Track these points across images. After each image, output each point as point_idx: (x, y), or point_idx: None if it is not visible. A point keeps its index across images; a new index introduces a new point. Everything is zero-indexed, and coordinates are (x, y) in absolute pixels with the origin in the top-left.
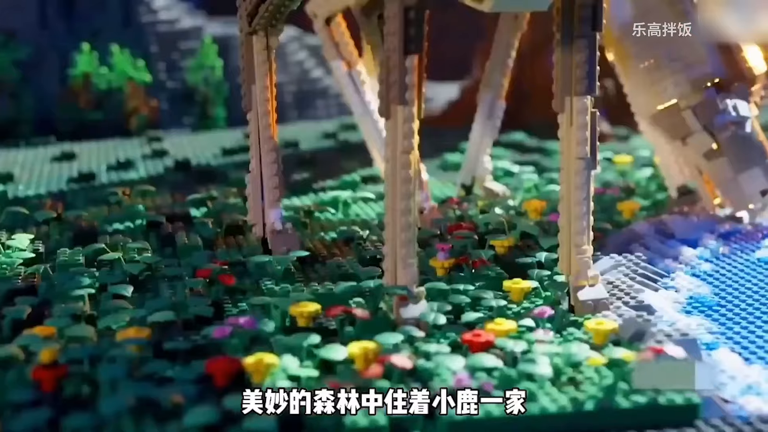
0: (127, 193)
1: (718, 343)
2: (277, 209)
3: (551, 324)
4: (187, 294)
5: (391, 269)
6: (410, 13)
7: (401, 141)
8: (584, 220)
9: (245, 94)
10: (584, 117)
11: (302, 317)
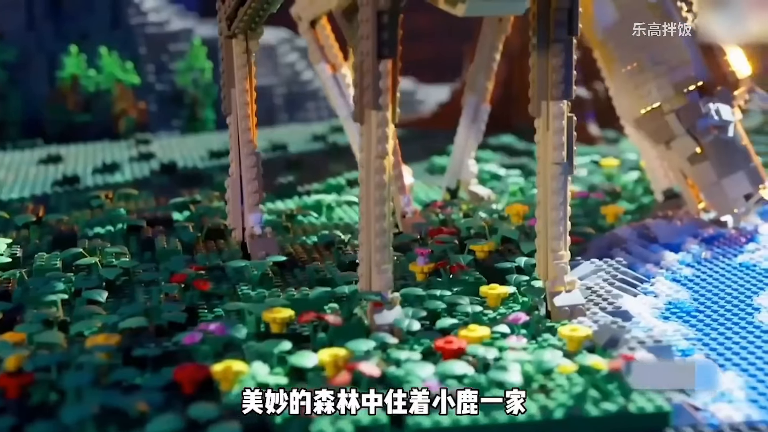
0: (109, 196)
1: (693, 349)
2: (256, 213)
3: (526, 330)
4: (161, 299)
5: (365, 275)
6: (383, 17)
7: (375, 146)
8: (561, 225)
9: (225, 97)
10: (560, 122)
11: (275, 323)
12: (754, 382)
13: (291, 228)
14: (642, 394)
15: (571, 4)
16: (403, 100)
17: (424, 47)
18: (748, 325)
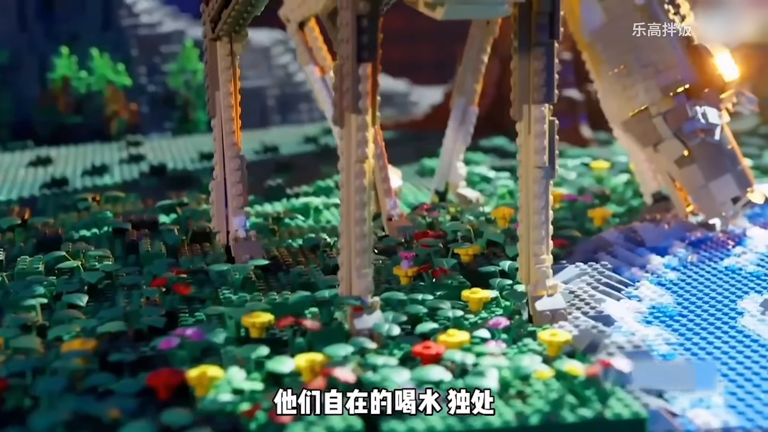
0: (96, 199)
1: (674, 354)
2: (240, 216)
3: (507, 335)
4: (142, 303)
5: (346, 279)
6: (363, 21)
7: (355, 150)
8: (543, 229)
9: (209, 100)
10: (542, 125)
11: (254, 328)
12: (734, 388)
13: (277, 231)
14: (619, 400)
15: (552, 7)
16: (397, 102)
17: (419, 48)
18: (730, 330)
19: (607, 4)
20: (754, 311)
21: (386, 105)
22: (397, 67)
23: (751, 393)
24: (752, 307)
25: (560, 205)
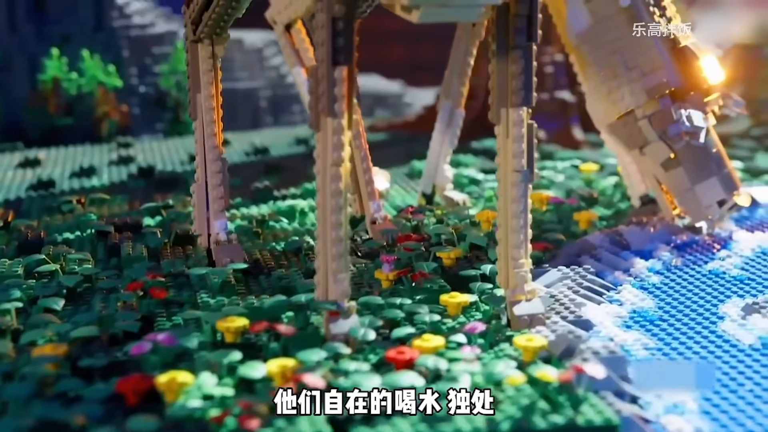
0: (82, 201)
1: (651, 359)
2: (221, 220)
3: (483, 340)
4: (118, 307)
5: (322, 283)
6: (338, 23)
7: (331, 153)
8: (521, 233)
9: (191, 102)
10: (520, 129)
11: (229, 332)
12: (709, 393)
13: (261, 234)
14: (591, 406)
15: (530, 10)
16: (391, 103)
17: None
18: (710, 335)
19: (593, 6)
20: (735, 316)
21: (380, 106)
22: (398, 67)
23: (726, 399)
24: (733, 311)
25: (546, 208)
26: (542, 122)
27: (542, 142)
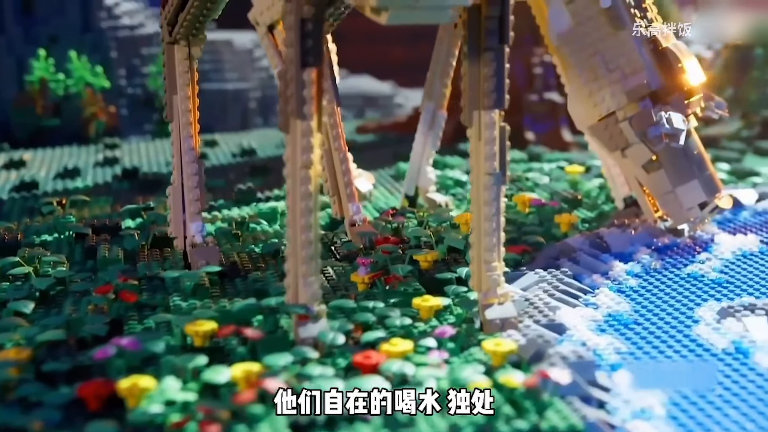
0: (63, 203)
1: (622, 363)
2: (197, 222)
3: (454, 344)
4: (89, 310)
5: (292, 286)
6: (307, 24)
7: (300, 156)
8: (494, 236)
9: (167, 104)
10: (492, 131)
11: (198, 336)
12: (678, 398)
13: (240, 236)
14: (557, 411)
15: (501, 12)
16: (382, 104)
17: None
18: (684, 339)
19: (574, 7)
20: (710, 319)
21: (371, 107)
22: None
23: (694, 404)
24: (709, 315)
25: (529, 210)
26: (531, 124)
27: (531, 143)
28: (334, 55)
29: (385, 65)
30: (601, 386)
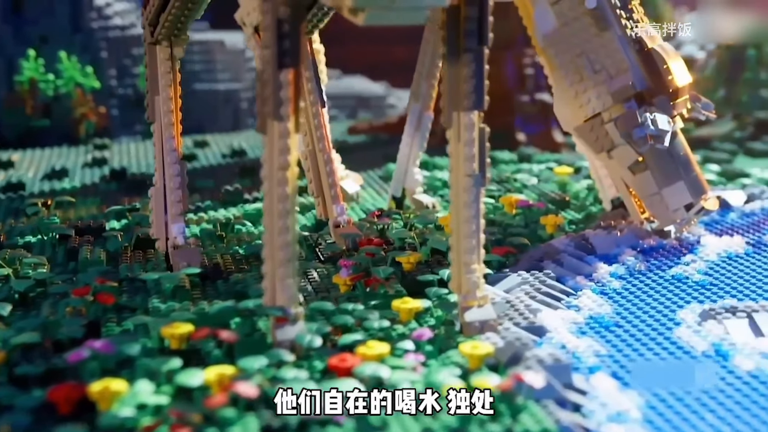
0: (48, 204)
1: (600, 366)
2: (179, 223)
3: (432, 346)
4: (67, 313)
5: (269, 289)
6: (284, 25)
7: (277, 157)
8: (473, 238)
9: (149, 105)
10: (471, 133)
11: (174, 339)
12: (656, 401)
13: (225, 237)
14: (531, 415)
15: (480, 13)
16: (375, 105)
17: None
18: (664, 341)
19: (559, 8)
20: (692, 322)
21: (363, 108)
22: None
23: (671, 407)
24: (690, 317)
25: (516, 212)
26: (522, 124)
27: (521, 144)
28: (322, 56)
29: (383, 65)
30: (578, 389)
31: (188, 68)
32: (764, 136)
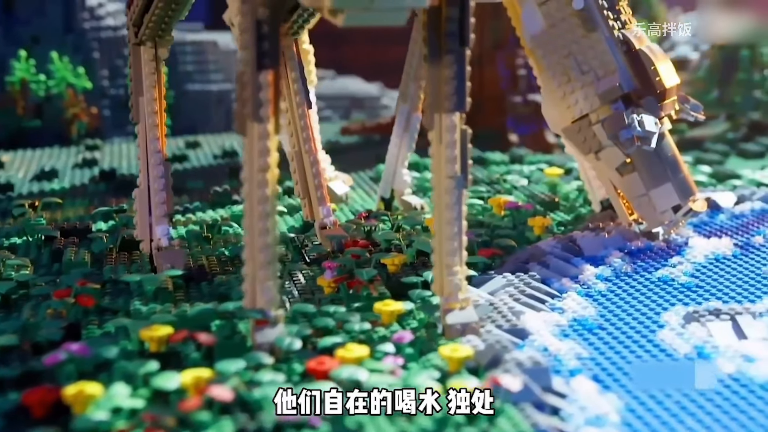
0: (36, 205)
1: (582, 369)
2: (163, 225)
3: (413, 349)
4: (48, 315)
5: (250, 291)
6: (263, 26)
7: (257, 159)
8: (455, 240)
9: (133, 106)
10: (453, 134)
11: (153, 341)
12: (635, 405)
13: (211, 239)
14: (508, 419)
15: (461, 14)
16: (369, 105)
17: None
18: (647, 344)
19: (547, 9)
20: (675, 324)
21: (357, 109)
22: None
23: (650, 410)
24: (674, 320)
25: (504, 213)
26: (515, 125)
27: (514, 145)
28: (311, 56)
29: (378, 66)
30: (557, 392)
31: (181, 69)
32: (757, 137)
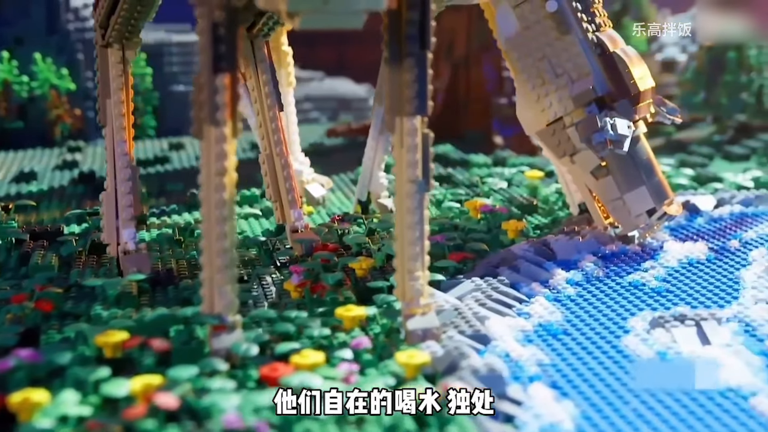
0: (9, 207)
1: (541, 375)
2: (130, 228)
3: (371, 355)
4: (6, 320)
5: (208, 296)
6: (219, 29)
7: (214, 163)
8: (417, 245)
9: (100, 108)
10: (414, 138)
11: (108, 347)
12: (592, 412)
13: (183, 242)
14: (461, 427)
15: (422, 17)
16: (356, 107)
17: None
18: (611, 350)
19: (521, 11)
20: (641, 330)
21: (345, 110)
22: None
23: (606, 417)
24: (640, 325)
25: (480, 217)
26: (500, 127)
27: (498, 147)
28: (290, 58)
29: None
30: (513, 399)
31: (167, 70)
32: (743, 139)
